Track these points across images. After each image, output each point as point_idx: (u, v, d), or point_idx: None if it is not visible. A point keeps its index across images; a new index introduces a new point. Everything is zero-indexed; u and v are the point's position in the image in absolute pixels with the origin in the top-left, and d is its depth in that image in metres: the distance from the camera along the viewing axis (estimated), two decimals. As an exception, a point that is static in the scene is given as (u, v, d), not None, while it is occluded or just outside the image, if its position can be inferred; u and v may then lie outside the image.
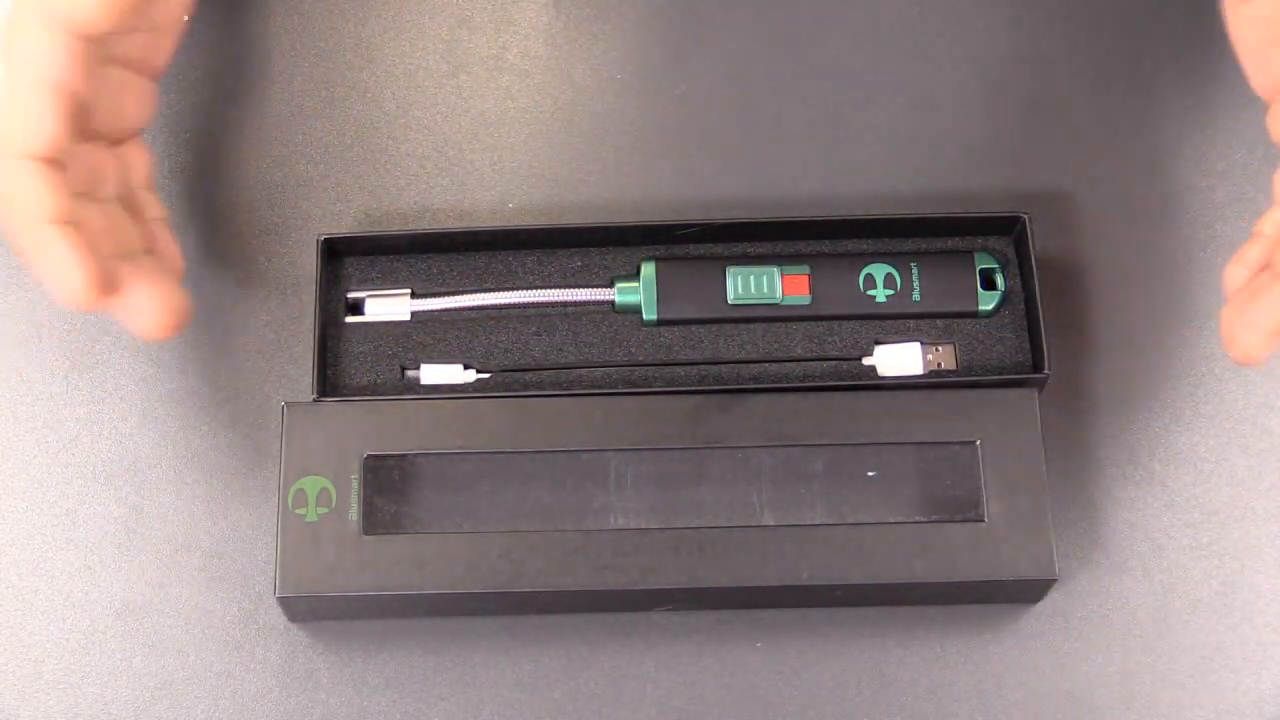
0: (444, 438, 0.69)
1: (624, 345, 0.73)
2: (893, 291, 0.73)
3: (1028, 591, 0.70)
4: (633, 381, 0.72)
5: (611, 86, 0.79)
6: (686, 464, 0.70)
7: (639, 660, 0.70)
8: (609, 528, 0.69)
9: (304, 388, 0.73)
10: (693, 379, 0.73)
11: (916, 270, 0.73)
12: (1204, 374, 0.75)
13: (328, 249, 0.73)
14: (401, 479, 0.69)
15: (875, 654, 0.70)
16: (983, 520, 0.69)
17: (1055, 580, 0.69)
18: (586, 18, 0.80)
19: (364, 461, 0.69)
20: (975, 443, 0.70)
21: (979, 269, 0.73)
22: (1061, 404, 0.74)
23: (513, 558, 0.68)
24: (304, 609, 0.69)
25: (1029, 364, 0.73)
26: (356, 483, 0.69)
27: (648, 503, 0.69)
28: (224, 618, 0.71)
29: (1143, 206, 0.77)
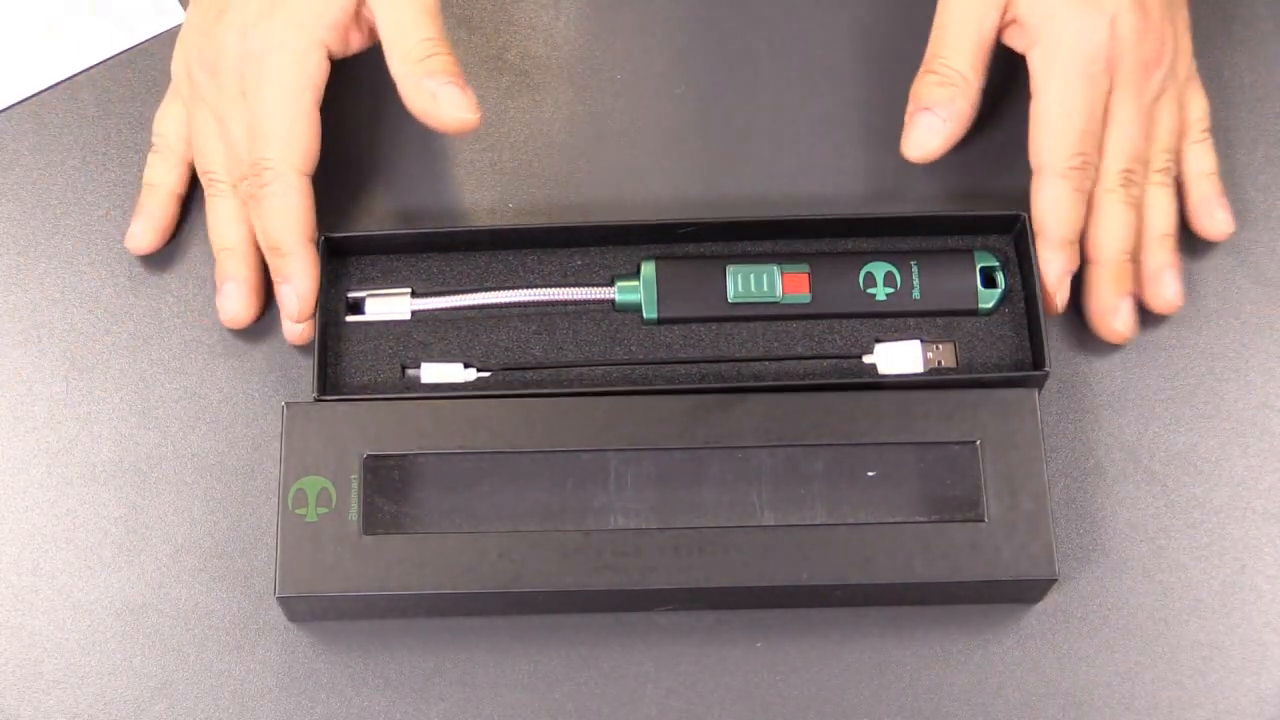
0: (444, 438, 0.69)
1: (624, 344, 0.73)
2: (893, 289, 0.73)
3: (1028, 591, 0.70)
4: (633, 380, 0.72)
5: (612, 86, 0.79)
6: (686, 464, 0.70)
7: (639, 660, 0.70)
8: (609, 528, 0.69)
9: (304, 387, 0.73)
10: (693, 377, 0.73)
11: (916, 268, 0.73)
12: (1204, 374, 0.75)
13: (329, 247, 0.73)
14: (401, 479, 0.69)
15: (875, 654, 0.70)
16: (983, 520, 0.69)
17: (1055, 580, 0.69)
18: (586, 18, 0.81)
19: (364, 461, 0.69)
20: (975, 443, 0.70)
21: (979, 267, 0.73)
22: (1061, 404, 0.74)
23: (513, 558, 0.68)
24: (304, 609, 0.69)
25: (1029, 362, 0.73)
26: (356, 483, 0.69)
27: (648, 503, 0.69)
28: (224, 618, 0.71)
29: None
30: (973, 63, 0.73)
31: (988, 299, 0.73)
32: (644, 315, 0.73)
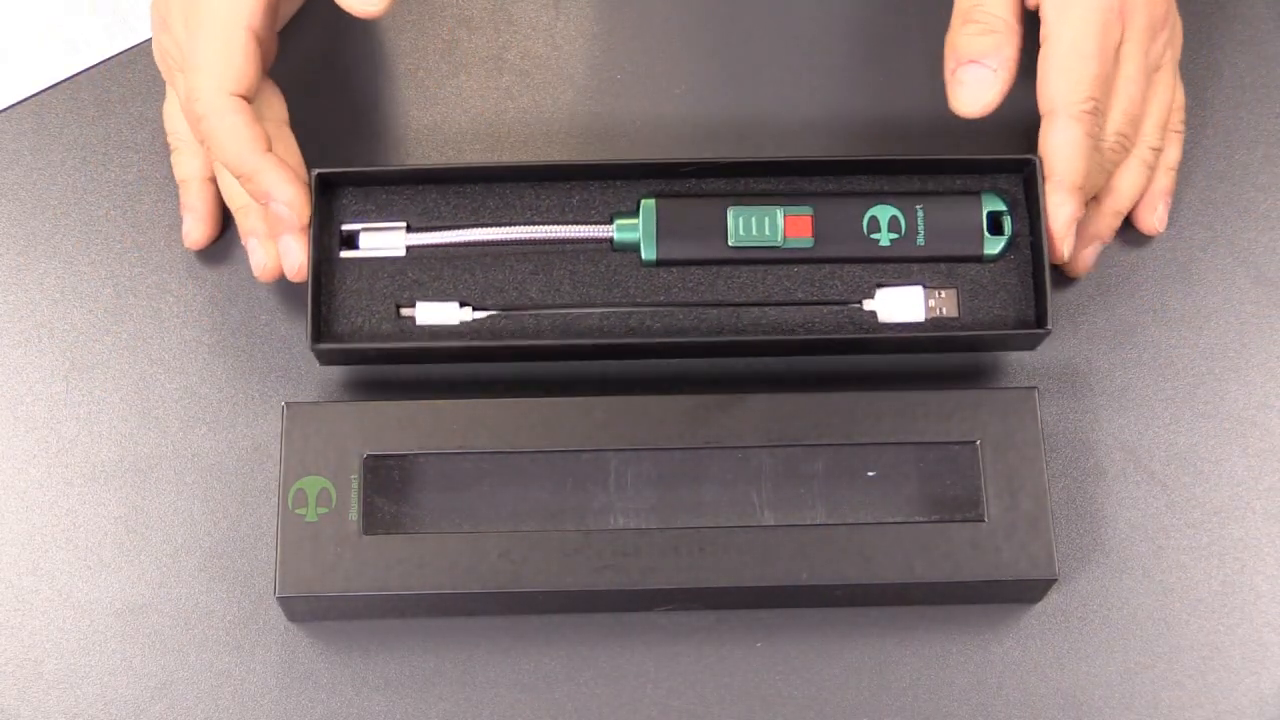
0: (444, 438, 0.69)
1: (622, 286, 0.73)
2: (897, 235, 0.72)
3: (1028, 591, 0.70)
4: (630, 326, 0.72)
5: (611, 86, 0.79)
6: (686, 464, 0.70)
7: (639, 660, 0.70)
8: (609, 528, 0.69)
9: (305, 387, 0.73)
10: (691, 320, 0.72)
11: (922, 214, 0.72)
12: (1204, 374, 0.75)
13: (321, 183, 0.71)
14: (401, 479, 0.69)
15: (875, 654, 0.70)
16: (983, 520, 0.69)
17: (1055, 580, 0.69)
18: (586, 18, 0.81)
19: (364, 461, 0.69)
20: (975, 443, 0.70)
21: (986, 211, 0.72)
22: (1061, 404, 0.74)
23: (513, 558, 0.68)
24: (304, 609, 0.69)
25: (1032, 316, 0.72)
26: (356, 483, 0.69)
27: (648, 503, 0.69)
28: (224, 618, 0.71)
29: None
30: (1013, 9, 0.71)
31: (993, 245, 0.72)
32: (642, 257, 0.72)
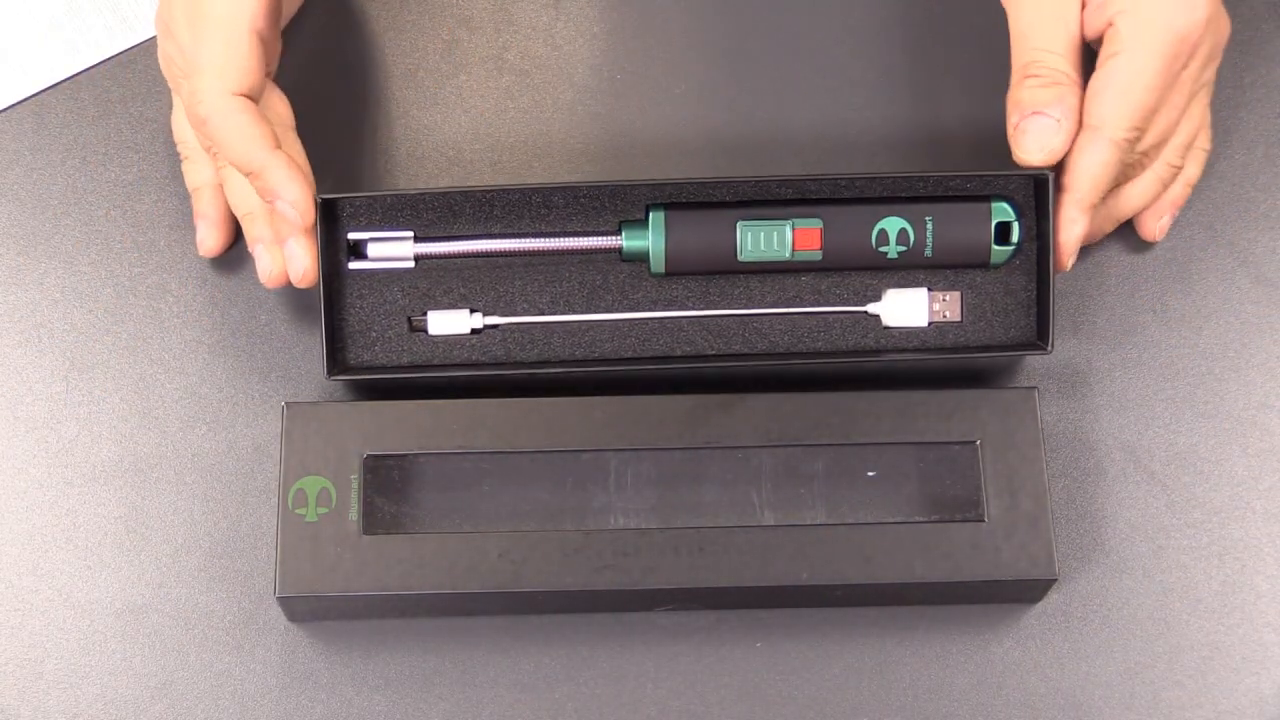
0: (444, 438, 0.69)
1: (630, 297, 0.73)
2: (905, 248, 0.72)
3: (1028, 591, 0.70)
4: (638, 336, 0.72)
5: (612, 86, 0.79)
6: (686, 464, 0.70)
7: (639, 660, 0.70)
8: (609, 528, 0.69)
9: (305, 387, 0.73)
10: (697, 328, 0.72)
11: (931, 225, 0.72)
12: (1204, 374, 0.75)
13: (326, 209, 0.71)
14: (401, 479, 0.69)
15: (875, 654, 0.70)
16: (983, 520, 0.69)
17: (1055, 580, 0.69)
18: (586, 18, 0.81)
19: (364, 461, 0.69)
20: (975, 443, 0.70)
21: (995, 222, 0.72)
22: (1061, 404, 0.74)
23: (513, 558, 0.68)
24: (304, 609, 0.69)
25: (1034, 314, 0.72)
26: (356, 483, 0.69)
27: (648, 503, 0.69)
28: (224, 618, 0.71)
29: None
30: (1072, 60, 0.71)
31: (1000, 255, 0.72)
32: (651, 270, 0.72)
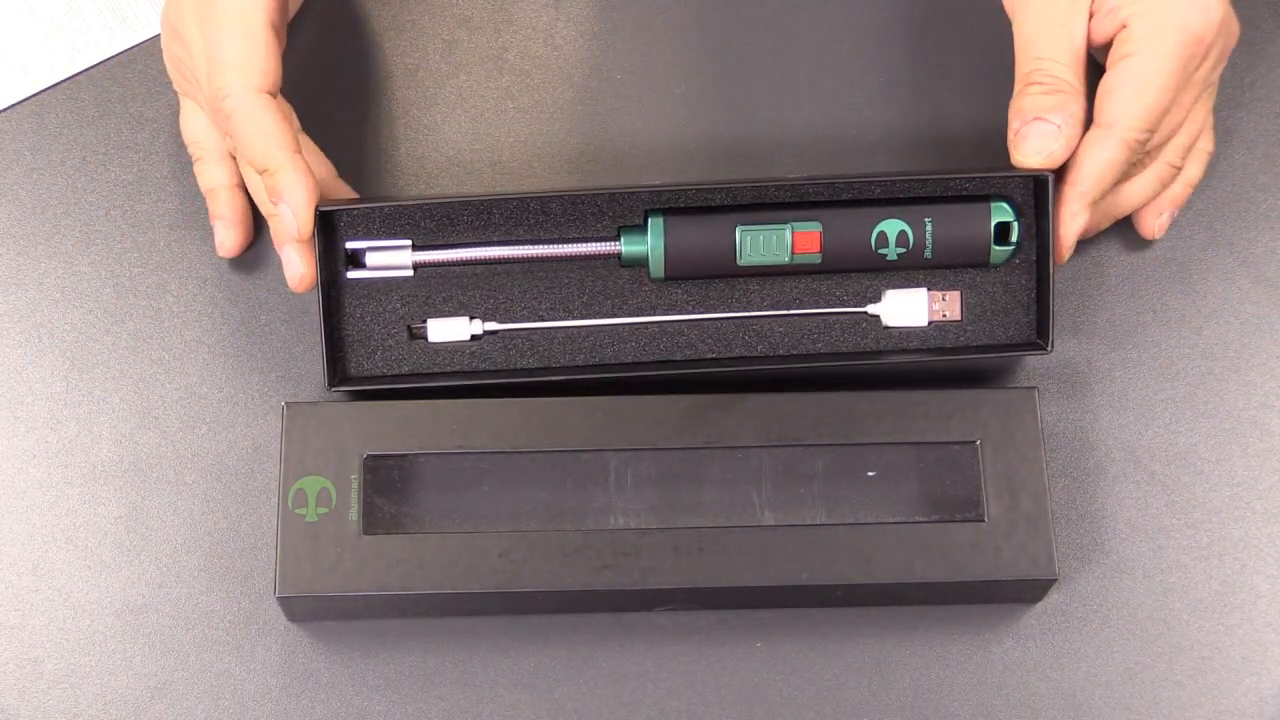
0: (444, 438, 0.69)
1: (630, 302, 0.73)
2: (905, 249, 0.72)
3: (1028, 591, 0.70)
4: (638, 340, 0.72)
5: (612, 86, 0.79)
6: (686, 464, 0.70)
7: (639, 660, 0.70)
8: (609, 528, 0.69)
9: (305, 387, 0.73)
10: (697, 331, 0.72)
11: (930, 226, 0.72)
12: (1204, 374, 0.75)
13: (323, 220, 0.70)
14: (401, 479, 0.69)
15: (875, 654, 0.70)
16: (983, 520, 0.69)
17: (1055, 580, 0.69)
18: (586, 18, 0.81)
19: (364, 461, 0.69)
20: (975, 443, 0.70)
21: (995, 222, 0.72)
22: (1061, 404, 0.74)
23: (513, 558, 0.68)
24: (304, 609, 0.69)
25: (1034, 314, 0.72)
26: (356, 483, 0.69)
27: (648, 503, 0.69)
28: (224, 618, 0.71)
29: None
30: (1075, 69, 0.71)
31: (1000, 256, 0.72)
32: (651, 275, 0.72)
